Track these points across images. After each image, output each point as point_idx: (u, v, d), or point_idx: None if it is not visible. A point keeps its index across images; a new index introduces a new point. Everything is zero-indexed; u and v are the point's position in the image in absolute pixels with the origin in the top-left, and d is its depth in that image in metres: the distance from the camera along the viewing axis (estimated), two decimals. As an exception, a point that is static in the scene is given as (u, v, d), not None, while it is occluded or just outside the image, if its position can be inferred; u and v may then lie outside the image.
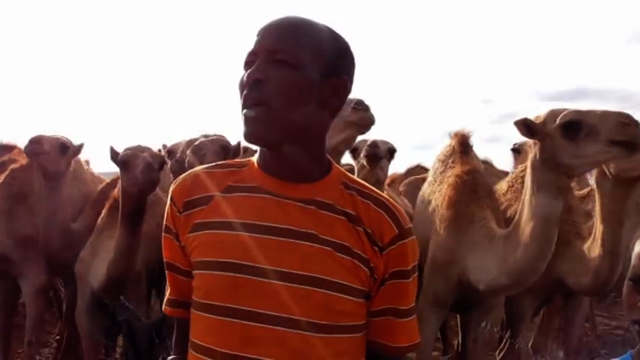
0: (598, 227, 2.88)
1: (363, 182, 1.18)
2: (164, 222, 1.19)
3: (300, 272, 1.04)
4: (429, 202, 3.36)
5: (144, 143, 3.02)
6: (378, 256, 1.08)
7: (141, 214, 2.95)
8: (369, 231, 1.08)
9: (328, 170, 1.14)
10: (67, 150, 3.41)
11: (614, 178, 2.68)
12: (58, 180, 3.41)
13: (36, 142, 3.26)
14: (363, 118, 2.63)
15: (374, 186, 1.22)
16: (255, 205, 1.09)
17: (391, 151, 3.39)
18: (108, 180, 3.92)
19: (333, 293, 1.05)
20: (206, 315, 1.09)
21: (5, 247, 3.47)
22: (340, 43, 1.12)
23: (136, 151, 2.95)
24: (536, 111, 2.54)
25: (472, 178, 3.11)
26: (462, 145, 3.38)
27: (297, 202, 1.09)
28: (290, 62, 1.04)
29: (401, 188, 4.62)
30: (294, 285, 1.04)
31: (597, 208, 2.89)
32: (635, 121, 2.20)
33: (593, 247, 2.94)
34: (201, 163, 2.61)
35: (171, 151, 3.82)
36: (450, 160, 3.40)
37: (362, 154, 3.28)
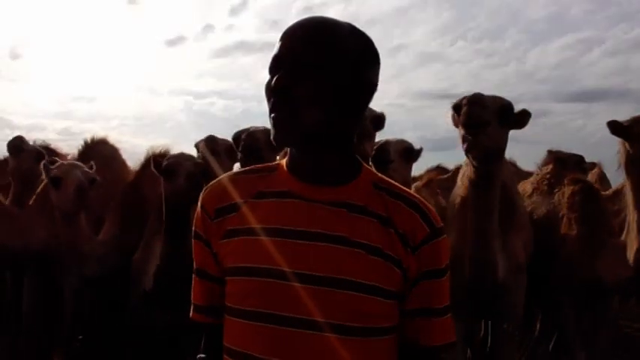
0: (632, 217, 2.92)
1: (394, 182, 1.17)
2: (193, 228, 1.19)
3: (331, 275, 1.04)
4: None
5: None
6: (410, 256, 1.07)
7: (185, 222, 2.73)
8: (401, 232, 1.08)
9: (358, 171, 1.13)
10: (86, 193, 3.19)
11: None
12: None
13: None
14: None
15: None
16: (286, 210, 1.09)
17: (408, 151, 3.15)
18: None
19: (365, 295, 1.04)
20: (240, 320, 1.09)
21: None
22: (364, 43, 1.11)
23: (180, 159, 2.92)
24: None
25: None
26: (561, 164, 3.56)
27: (328, 204, 1.08)
28: (316, 67, 1.04)
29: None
30: (324, 288, 1.04)
31: (629, 198, 2.97)
32: None
33: (629, 239, 2.96)
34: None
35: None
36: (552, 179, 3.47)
37: (370, 158, 3.03)
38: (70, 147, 4.23)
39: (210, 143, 3.56)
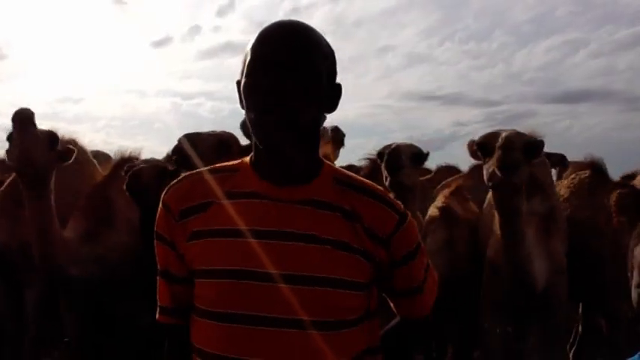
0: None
1: (354, 175, 1.18)
2: (155, 229, 1.17)
3: (303, 273, 1.05)
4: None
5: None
6: (380, 248, 1.09)
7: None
8: (367, 225, 1.08)
9: (320, 168, 1.14)
10: (56, 143, 2.96)
11: None
12: (45, 184, 2.92)
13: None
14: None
15: (399, 194, 1.10)
16: (255, 211, 1.09)
17: (418, 155, 3.15)
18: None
19: (336, 290, 1.05)
20: (213, 322, 1.08)
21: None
22: (331, 49, 1.14)
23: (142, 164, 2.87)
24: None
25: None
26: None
27: (295, 203, 1.09)
28: (306, 72, 1.05)
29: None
30: (298, 287, 1.04)
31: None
32: None
33: None
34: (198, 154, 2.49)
35: None
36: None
37: (382, 163, 3.06)
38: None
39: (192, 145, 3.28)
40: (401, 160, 3.00)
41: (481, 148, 2.79)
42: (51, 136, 2.93)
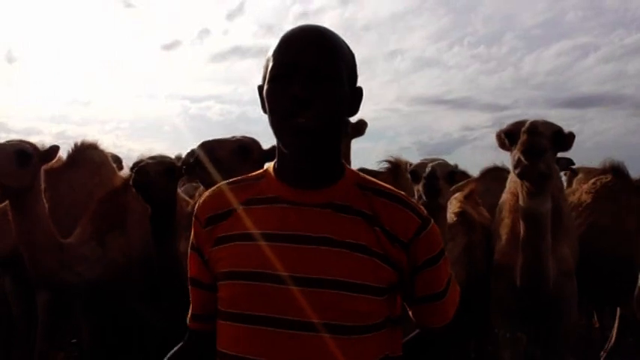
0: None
1: (377, 181, 1.17)
2: (191, 240, 1.21)
3: (318, 277, 1.04)
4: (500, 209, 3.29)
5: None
6: (401, 251, 1.08)
7: (167, 224, 2.82)
8: (388, 229, 1.08)
9: (342, 173, 1.14)
10: (28, 160, 2.78)
11: None
12: (26, 197, 2.78)
13: None
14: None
15: (434, 213, 1.08)
16: (275, 215, 1.10)
17: (452, 174, 3.11)
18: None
19: (353, 294, 1.04)
20: (231, 324, 1.09)
21: None
22: (351, 52, 1.14)
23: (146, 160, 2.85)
24: (551, 117, 2.75)
25: None
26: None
27: (314, 207, 1.09)
28: (331, 78, 1.05)
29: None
30: (313, 289, 1.04)
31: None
32: None
33: None
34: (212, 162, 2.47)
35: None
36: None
37: (420, 186, 2.98)
38: (65, 151, 4.03)
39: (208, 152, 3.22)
40: (439, 184, 2.95)
41: (508, 135, 2.76)
42: (19, 153, 2.76)
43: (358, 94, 1.15)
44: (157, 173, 2.76)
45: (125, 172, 3.62)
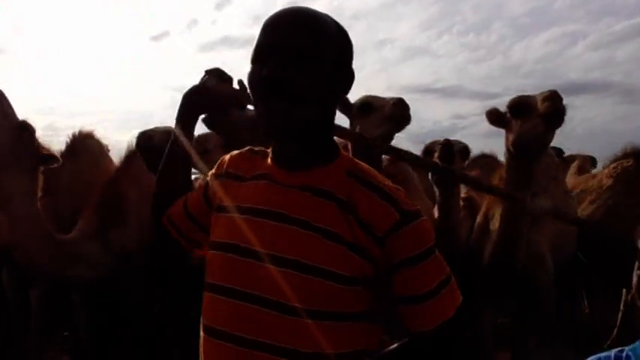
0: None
1: (370, 171, 1.13)
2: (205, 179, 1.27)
3: (286, 256, 1.04)
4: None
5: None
6: (375, 245, 1.03)
7: None
8: (363, 220, 1.04)
9: (333, 158, 1.13)
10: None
11: None
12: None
13: None
14: (403, 116, 2.74)
15: (448, 186, 1.08)
16: (259, 191, 1.12)
17: (464, 151, 3.33)
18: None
19: (317, 279, 1.02)
20: (206, 293, 1.12)
21: None
22: (344, 34, 1.13)
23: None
24: None
25: None
26: None
27: (293, 188, 1.10)
28: (309, 58, 1.04)
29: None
30: (280, 268, 1.04)
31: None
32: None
33: None
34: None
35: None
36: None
37: (437, 154, 3.19)
38: (54, 143, 3.93)
39: (198, 144, 3.04)
40: (453, 149, 3.13)
41: (516, 108, 2.75)
42: None
43: (347, 75, 1.13)
44: (162, 141, 2.72)
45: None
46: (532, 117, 2.63)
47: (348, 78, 1.14)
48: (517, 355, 3.36)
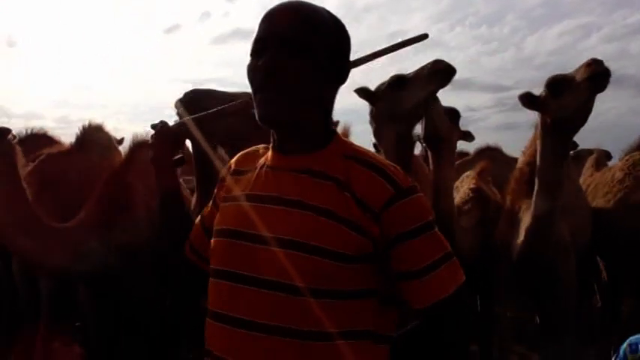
0: None
1: (366, 151, 1.16)
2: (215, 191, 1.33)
3: (281, 236, 1.06)
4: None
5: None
6: (372, 221, 1.05)
7: None
8: (359, 196, 1.06)
9: (329, 141, 1.15)
10: None
11: None
12: None
13: None
14: (448, 66, 2.60)
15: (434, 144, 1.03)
16: (258, 179, 1.16)
17: (455, 112, 3.25)
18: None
19: (313, 256, 1.03)
20: (211, 279, 1.15)
21: None
22: (339, 25, 1.16)
23: None
24: None
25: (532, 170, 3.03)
26: None
27: (291, 171, 1.12)
28: (303, 49, 1.07)
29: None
30: (278, 249, 1.05)
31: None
32: None
33: None
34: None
35: None
36: (528, 153, 3.28)
37: None
38: (67, 135, 3.98)
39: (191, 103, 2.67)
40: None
41: (556, 84, 2.69)
42: None
43: (344, 66, 1.17)
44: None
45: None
46: (573, 88, 2.59)
47: (345, 69, 1.17)
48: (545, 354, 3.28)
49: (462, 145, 4.91)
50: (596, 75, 2.50)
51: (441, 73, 2.59)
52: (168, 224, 1.45)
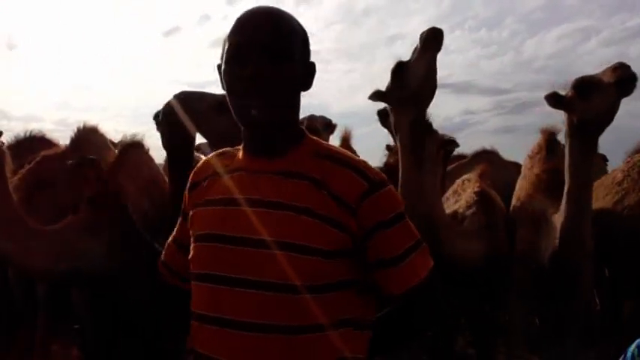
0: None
1: (336, 148, 1.22)
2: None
3: (266, 238, 1.09)
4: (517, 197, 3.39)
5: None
6: (349, 215, 1.10)
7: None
8: (335, 193, 1.10)
9: (300, 142, 1.20)
10: None
11: None
12: None
13: None
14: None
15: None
16: (234, 183, 1.19)
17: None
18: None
19: (299, 255, 1.07)
20: (193, 283, 1.19)
21: None
22: (305, 31, 1.22)
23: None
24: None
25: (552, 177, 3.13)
26: (548, 143, 3.43)
27: (267, 174, 1.16)
28: (283, 56, 1.13)
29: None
30: (260, 250, 1.09)
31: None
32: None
33: None
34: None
35: None
36: (537, 158, 3.39)
37: None
38: (66, 138, 3.93)
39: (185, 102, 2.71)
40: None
41: (584, 86, 2.71)
42: None
43: (311, 69, 1.22)
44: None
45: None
46: (601, 90, 2.62)
47: (314, 71, 1.23)
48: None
49: (460, 148, 4.95)
50: (624, 80, 2.54)
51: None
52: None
